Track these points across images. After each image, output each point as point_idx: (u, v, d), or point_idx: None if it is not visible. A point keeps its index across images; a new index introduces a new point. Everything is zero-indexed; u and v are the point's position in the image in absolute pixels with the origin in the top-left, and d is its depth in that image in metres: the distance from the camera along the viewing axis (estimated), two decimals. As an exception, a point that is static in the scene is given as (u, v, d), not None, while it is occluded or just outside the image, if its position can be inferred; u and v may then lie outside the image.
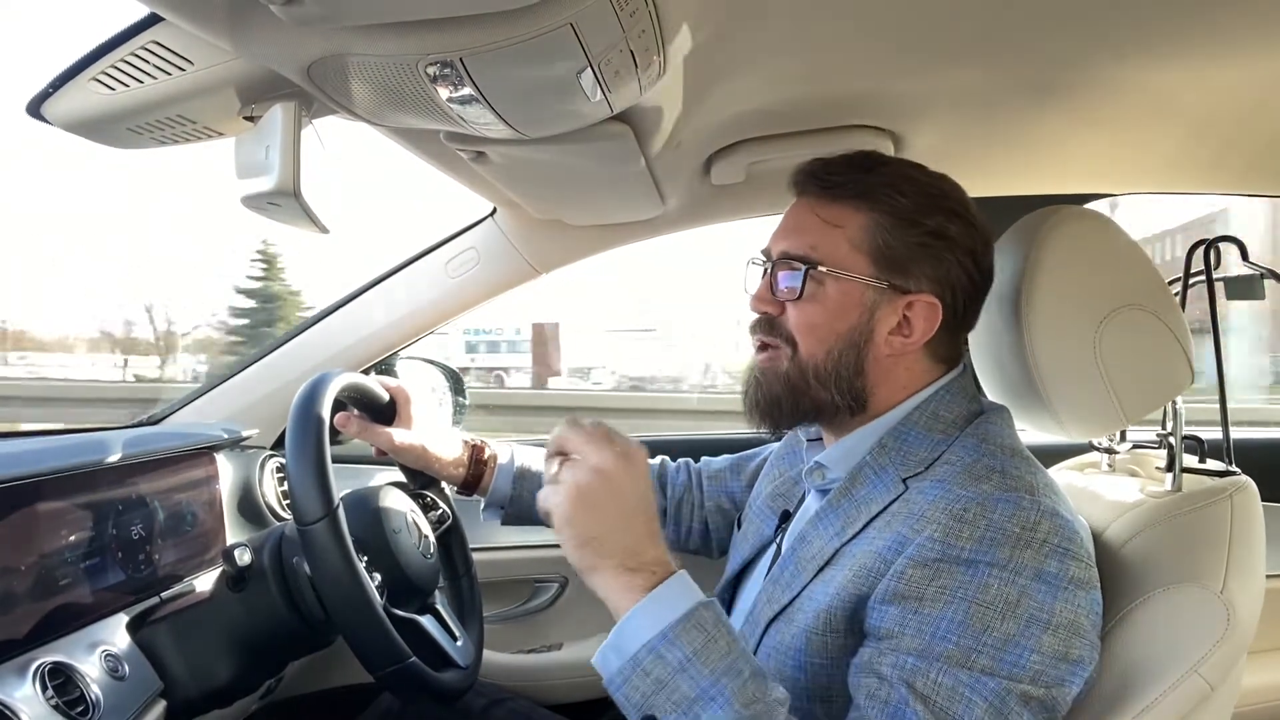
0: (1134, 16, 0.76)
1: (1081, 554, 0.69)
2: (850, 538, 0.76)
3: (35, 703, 0.72)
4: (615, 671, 0.64)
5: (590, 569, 0.66)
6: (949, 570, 0.67)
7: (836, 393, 0.79)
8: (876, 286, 0.78)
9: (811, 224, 0.80)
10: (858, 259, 0.78)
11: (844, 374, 0.79)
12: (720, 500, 1.14)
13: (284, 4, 0.51)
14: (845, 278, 0.78)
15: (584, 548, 0.66)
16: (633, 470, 0.68)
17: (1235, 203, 2.23)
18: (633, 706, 0.63)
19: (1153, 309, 0.84)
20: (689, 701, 0.61)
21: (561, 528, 0.67)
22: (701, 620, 0.63)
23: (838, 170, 0.81)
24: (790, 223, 0.83)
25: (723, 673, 0.61)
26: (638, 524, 0.67)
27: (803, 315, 0.79)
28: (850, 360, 0.79)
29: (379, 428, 1.02)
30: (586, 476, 0.66)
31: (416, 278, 1.36)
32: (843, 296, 0.78)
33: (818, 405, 0.81)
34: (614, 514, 0.66)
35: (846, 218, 0.79)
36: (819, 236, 0.79)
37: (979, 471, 0.73)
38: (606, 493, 0.66)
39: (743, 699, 0.61)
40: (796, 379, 0.80)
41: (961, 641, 0.64)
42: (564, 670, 1.40)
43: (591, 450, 0.68)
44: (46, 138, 5.55)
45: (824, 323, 0.79)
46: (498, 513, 1.10)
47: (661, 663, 0.62)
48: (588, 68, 0.63)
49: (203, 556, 1.05)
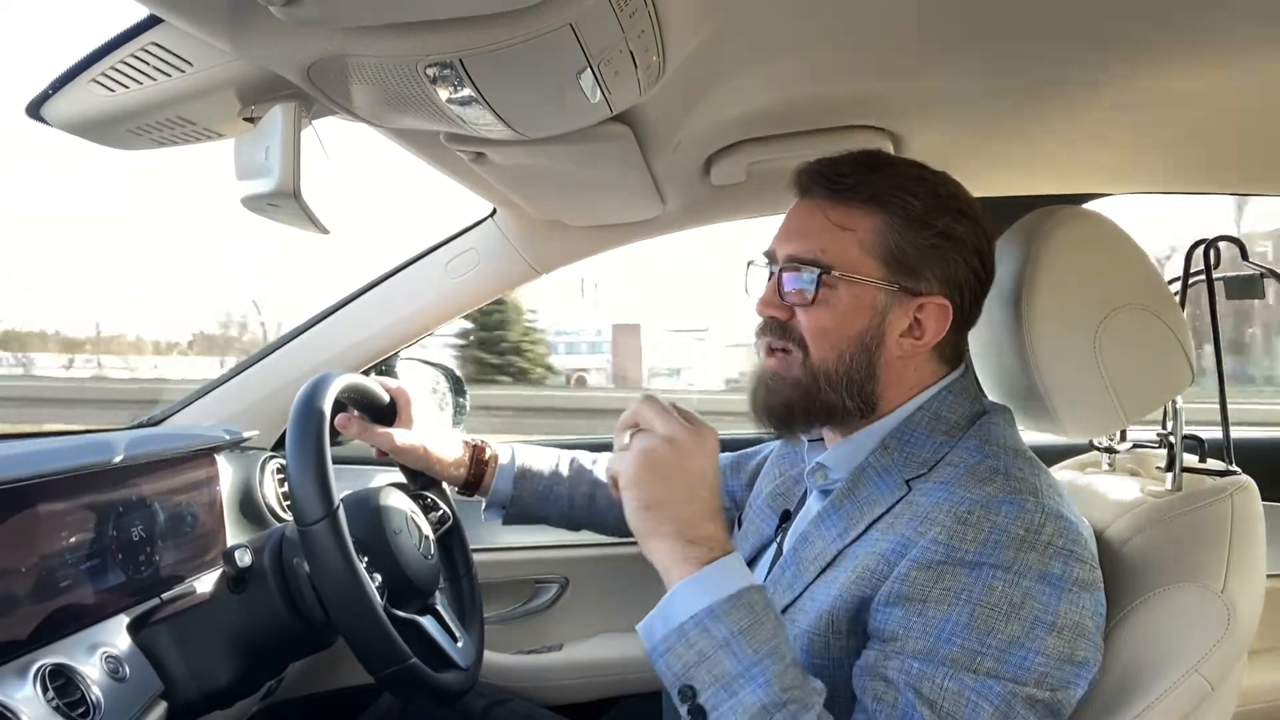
0: (1134, 16, 0.76)
1: (1086, 555, 0.69)
2: (853, 539, 0.76)
3: (36, 704, 0.72)
4: (660, 639, 0.65)
5: (649, 534, 0.68)
6: (953, 572, 0.67)
7: (847, 396, 0.79)
8: (888, 290, 0.78)
9: (820, 226, 0.79)
10: (869, 262, 0.78)
11: (855, 377, 0.78)
12: (721, 500, 1.14)
13: (284, 5, 0.51)
14: (857, 281, 0.77)
15: (646, 510, 0.67)
16: (703, 445, 0.69)
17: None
18: (673, 675, 0.64)
19: (1153, 308, 0.84)
20: (730, 677, 0.62)
21: (627, 488, 0.68)
22: (751, 602, 0.64)
23: (847, 171, 0.79)
24: (796, 224, 0.82)
25: (766, 655, 0.62)
26: (701, 497, 0.68)
27: (814, 319, 0.78)
28: (862, 364, 0.78)
29: (379, 428, 1.02)
30: (657, 443, 0.69)
31: (416, 278, 1.36)
32: (854, 300, 0.78)
33: (829, 408, 0.80)
34: (679, 482, 0.68)
35: (857, 220, 0.78)
36: (829, 239, 0.78)
37: (983, 473, 0.72)
38: (674, 461, 0.68)
39: (782, 683, 0.61)
40: (808, 383, 0.79)
41: (966, 644, 0.64)
42: (564, 671, 1.40)
43: (663, 422, 0.70)
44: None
45: (836, 327, 0.78)
46: (499, 513, 1.10)
47: (707, 636, 0.63)
48: (587, 68, 0.63)
49: (203, 558, 1.05)
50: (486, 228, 1.34)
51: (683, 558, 0.66)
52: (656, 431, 0.70)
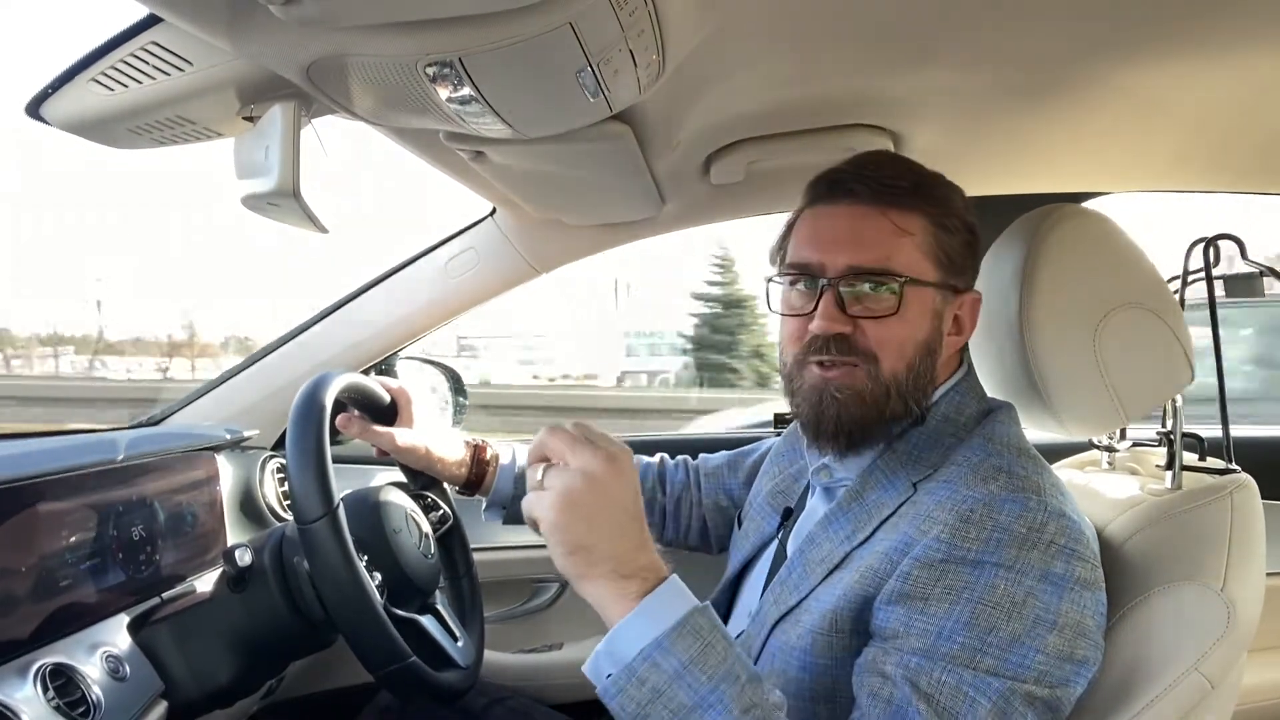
0: (1133, 16, 0.76)
1: (1088, 555, 0.69)
2: (860, 542, 0.76)
3: (36, 704, 0.72)
4: (610, 681, 0.62)
5: (580, 577, 0.63)
6: (955, 571, 0.67)
7: (914, 403, 0.77)
8: (943, 291, 0.78)
9: (882, 232, 0.76)
10: (927, 266, 0.77)
11: (922, 384, 0.78)
12: (718, 498, 1.14)
13: (283, 4, 0.51)
14: (923, 286, 0.76)
15: (573, 555, 0.63)
16: (619, 473, 0.64)
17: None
18: (628, 715, 0.61)
19: (1152, 308, 0.84)
20: (686, 710, 0.59)
21: (550, 535, 0.63)
22: (697, 626, 0.61)
23: (899, 173, 0.77)
24: (849, 233, 0.77)
25: (720, 679, 0.60)
26: (628, 529, 0.64)
27: (888, 331, 0.75)
28: (927, 369, 0.78)
29: (380, 428, 1.02)
30: (573, 481, 0.63)
31: (416, 278, 1.36)
32: (920, 306, 0.76)
33: (895, 417, 0.78)
34: (603, 520, 0.63)
35: (913, 224, 0.76)
36: (892, 246, 0.75)
37: (986, 472, 0.72)
38: (594, 498, 0.63)
39: (741, 704, 0.59)
40: (879, 395, 0.76)
41: (967, 642, 0.64)
42: (564, 670, 1.40)
43: (575, 454, 0.64)
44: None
45: (908, 336, 0.76)
46: (499, 513, 1.10)
47: (658, 671, 0.60)
48: (587, 67, 0.63)
49: (203, 557, 1.05)
50: (486, 227, 1.34)
51: (620, 594, 0.62)
52: (570, 465, 0.64)
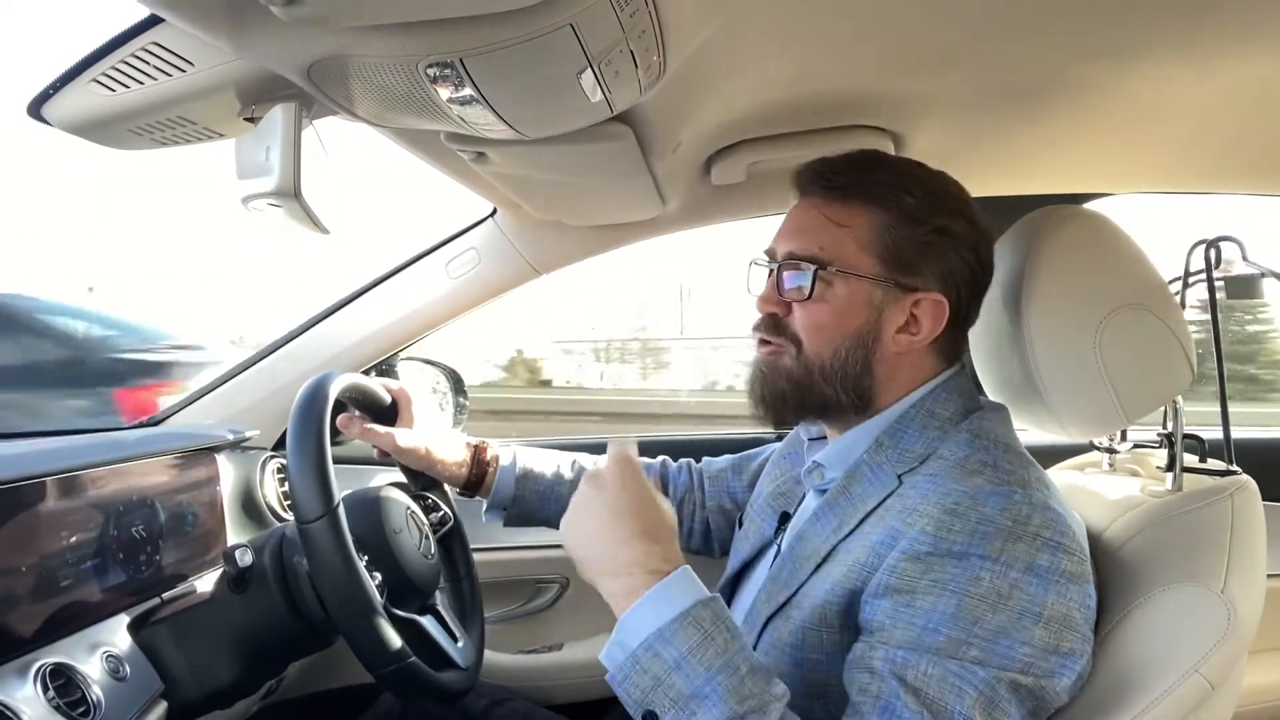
0: (1134, 16, 0.76)
1: (1073, 547, 0.69)
2: (846, 535, 0.76)
3: (36, 704, 0.72)
4: (617, 668, 0.65)
5: (597, 575, 0.70)
6: (940, 563, 0.67)
7: (842, 390, 0.80)
8: (884, 285, 0.78)
9: (818, 224, 0.80)
10: (865, 259, 0.78)
11: (851, 372, 0.79)
12: (722, 500, 1.14)
13: (284, 5, 0.51)
14: (854, 277, 0.78)
15: (582, 564, 0.71)
16: (616, 480, 0.71)
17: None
18: (634, 703, 0.64)
19: (1153, 308, 0.84)
20: (685, 699, 0.62)
21: (564, 538, 0.73)
22: (699, 618, 0.64)
23: (842, 170, 0.81)
24: (795, 223, 0.83)
25: (718, 670, 0.62)
26: (625, 525, 0.69)
27: (810, 315, 0.80)
28: (858, 358, 0.79)
29: (381, 428, 1.02)
30: (576, 499, 0.73)
31: (417, 278, 1.36)
32: (851, 296, 0.79)
33: (823, 402, 0.81)
34: (592, 532, 0.70)
35: (853, 217, 0.79)
36: (826, 237, 0.79)
37: (971, 465, 0.73)
38: (598, 502, 0.71)
39: (737, 696, 0.61)
40: (801, 376, 0.81)
41: (952, 634, 0.65)
42: (565, 671, 1.40)
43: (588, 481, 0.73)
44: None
45: (832, 322, 0.79)
46: (500, 514, 1.10)
47: (658, 660, 0.63)
48: (588, 68, 0.63)
49: (204, 557, 1.05)
50: (487, 228, 1.34)
51: (626, 590, 0.67)
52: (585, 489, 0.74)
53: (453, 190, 1.15)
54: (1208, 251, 0.96)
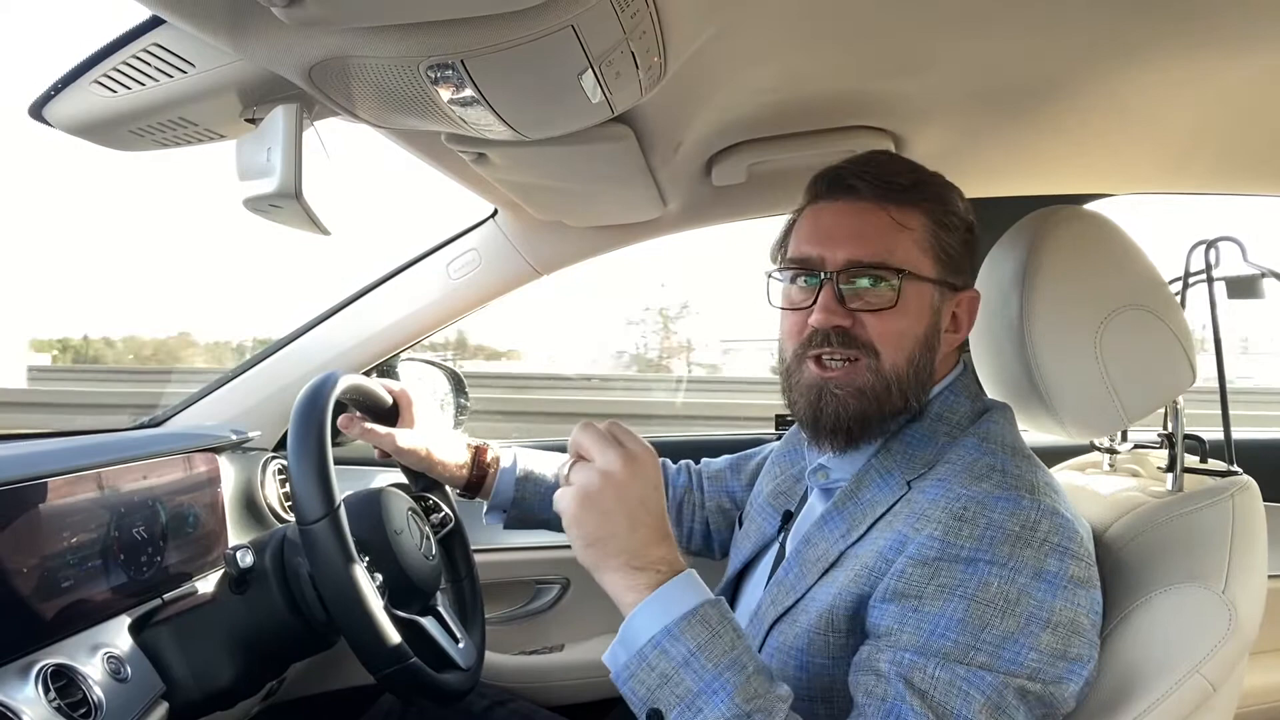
0: (1135, 17, 0.76)
1: (1081, 553, 0.69)
2: (855, 540, 0.76)
3: (37, 704, 0.72)
4: (622, 666, 0.65)
5: (597, 567, 0.67)
6: (949, 568, 0.67)
7: (912, 398, 0.78)
8: (941, 288, 0.79)
9: (881, 227, 0.77)
10: (925, 261, 0.78)
11: (921, 378, 0.79)
12: (721, 500, 1.14)
13: (285, 6, 0.51)
14: (921, 281, 0.78)
15: (590, 548, 0.67)
16: (638, 471, 0.68)
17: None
18: (639, 700, 0.64)
19: (1153, 309, 0.84)
20: (692, 695, 0.62)
21: (569, 527, 0.68)
22: (706, 617, 0.64)
23: (900, 171, 0.80)
24: (851, 227, 0.78)
25: (726, 667, 0.62)
26: (643, 524, 0.67)
27: (887, 324, 0.77)
28: (926, 364, 0.79)
29: (382, 429, 1.02)
30: (592, 478, 0.67)
31: (418, 279, 1.36)
32: (919, 300, 0.78)
33: (895, 413, 0.79)
34: (618, 515, 0.67)
35: (912, 219, 0.78)
36: (892, 241, 0.77)
37: (979, 470, 0.73)
38: (611, 494, 0.67)
39: (744, 694, 0.61)
40: (880, 390, 0.77)
41: (960, 639, 0.65)
42: (565, 671, 1.40)
43: (599, 452, 0.68)
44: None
45: (907, 329, 0.77)
46: (500, 516, 1.10)
47: (666, 657, 0.63)
48: (589, 69, 0.63)
49: (205, 558, 1.05)
50: (488, 229, 1.34)
51: (632, 585, 0.66)
52: (594, 463, 0.68)
53: (453, 191, 1.15)
54: (1207, 252, 0.96)
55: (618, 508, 0.67)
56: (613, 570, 0.67)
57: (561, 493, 0.70)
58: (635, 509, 0.67)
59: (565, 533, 0.69)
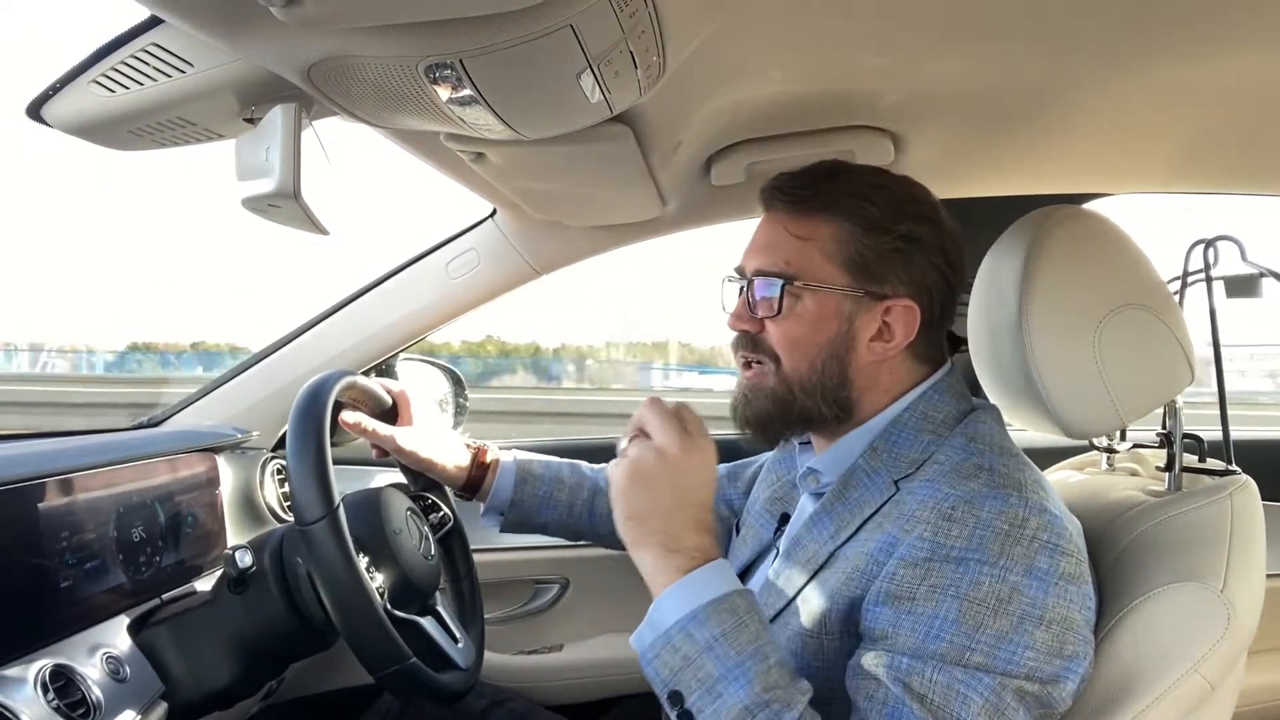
0: (1134, 17, 0.76)
1: (1071, 549, 0.69)
2: (844, 541, 0.76)
3: (36, 705, 0.72)
4: (647, 646, 0.66)
5: (635, 543, 0.69)
6: (939, 569, 0.67)
7: (823, 403, 0.80)
8: (853, 295, 0.79)
9: (781, 239, 0.81)
10: (831, 270, 0.79)
11: (829, 384, 0.80)
12: (718, 508, 1.14)
13: (284, 6, 0.51)
14: (821, 289, 0.79)
15: (630, 520, 0.69)
16: (695, 458, 0.70)
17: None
18: (661, 681, 0.65)
19: (1152, 308, 0.84)
20: (714, 680, 0.63)
21: (616, 498, 0.70)
22: (734, 606, 0.66)
23: (801, 183, 0.81)
24: (761, 239, 0.83)
25: (749, 655, 0.63)
26: (686, 509, 0.69)
27: (783, 331, 0.80)
28: (834, 370, 0.80)
29: (383, 428, 1.02)
30: (647, 454, 0.69)
31: (417, 279, 1.36)
32: (820, 308, 0.79)
33: (806, 416, 0.81)
34: (665, 495, 0.68)
35: (816, 229, 0.80)
36: (790, 251, 0.80)
37: (967, 470, 0.73)
38: (662, 473, 0.69)
39: (764, 683, 0.62)
40: (783, 393, 0.81)
41: (955, 639, 0.65)
42: (565, 671, 1.40)
43: (661, 430, 0.70)
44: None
45: (805, 336, 0.79)
46: (497, 518, 1.10)
47: (691, 641, 0.64)
48: (587, 69, 0.63)
49: (204, 558, 1.05)
50: (486, 228, 1.34)
51: (666, 566, 0.67)
52: (653, 440, 0.70)
53: (453, 191, 1.15)
54: (1206, 251, 0.96)
55: (666, 488, 0.68)
56: (649, 548, 0.68)
57: (615, 463, 0.71)
58: (682, 493, 0.69)
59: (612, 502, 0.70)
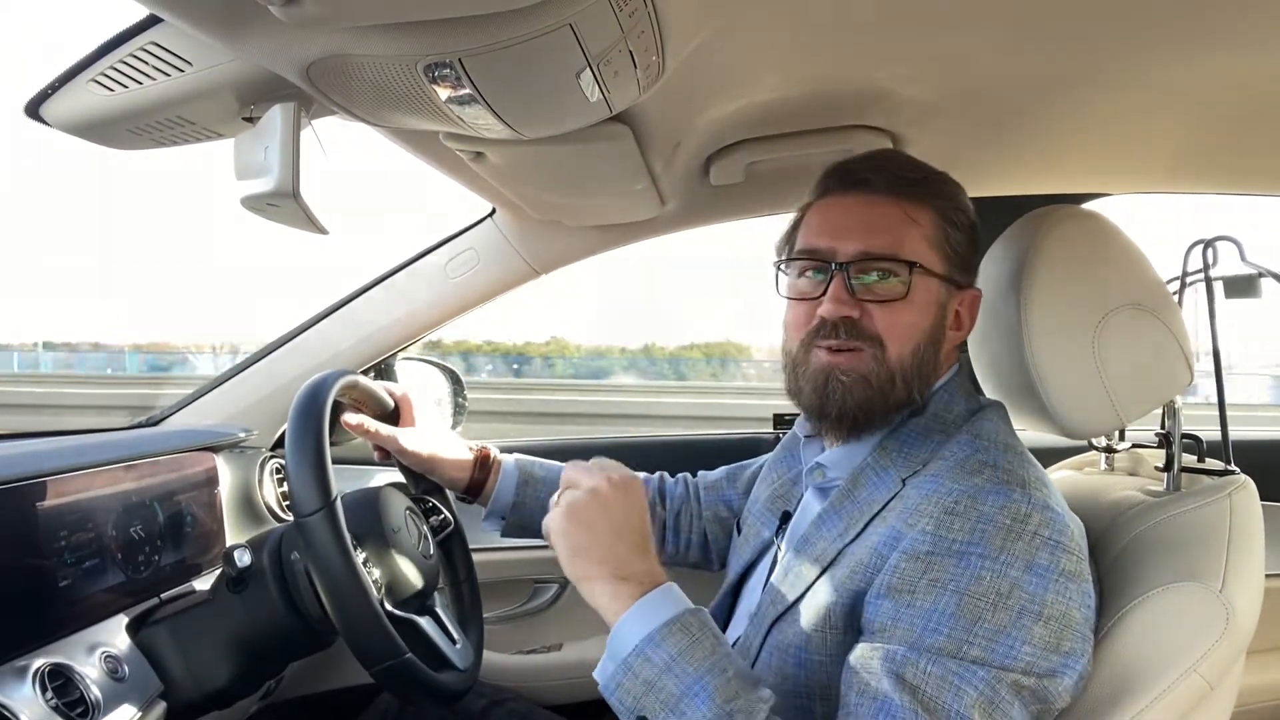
0: (1135, 15, 0.76)
1: (1072, 547, 0.69)
2: (852, 539, 0.76)
3: (35, 704, 0.72)
4: (609, 677, 0.67)
5: (582, 578, 0.70)
6: (940, 562, 0.67)
7: (916, 391, 0.79)
8: (948, 284, 0.80)
9: (892, 220, 0.79)
10: (933, 256, 0.79)
11: (925, 372, 0.80)
12: (718, 509, 1.14)
13: (283, 5, 0.51)
14: (930, 275, 0.79)
15: (576, 557, 0.70)
16: (625, 494, 0.72)
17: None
18: (626, 710, 0.66)
19: (1151, 309, 0.84)
20: (675, 699, 0.63)
21: (556, 539, 0.72)
22: (687, 624, 0.66)
23: (911, 166, 0.82)
24: (861, 219, 0.79)
25: (706, 670, 0.64)
26: (627, 536, 0.71)
27: (894, 315, 0.78)
28: (930, 358, 0.80)
29: (385, 430, 1.01)
30: (580, 496, 0.72)
31: (416, 278, 1.36)
32: (927, 294, 0.79)
33: (898, 405, 0.79)
34: (603, 527, 0.70)
35: (921, 215, 0.80)
36: (901, 234, 0.78)
37: (971, 466, 0.73)
38: (597, 508, 0.71)
39: (724, 695, 0.63)
40: (884, 380, 0.77)
41: (953, 633, 0.65)
42: (563, 671, 1.40)
43: (587, 478, 0.73)
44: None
45: (914, 321, 0.78)
46: (498, 523, 1.09)
47: (649, 664, 0.65)
48: (587, 68, 0.63)
49: (203, 557, 1.05)
50: (486, 228, 1.34)
51: (618, 594, 0.68)
52: (581, 486, 0.73)
53: (453, 190, 1.15)
54: (1205, 251, 0.96)
55: (602, 520, 0.71)
56: (599, 580, 0.69)
57: (549, 516, 0.73)
58: (619, 523, 0.71)
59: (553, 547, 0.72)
